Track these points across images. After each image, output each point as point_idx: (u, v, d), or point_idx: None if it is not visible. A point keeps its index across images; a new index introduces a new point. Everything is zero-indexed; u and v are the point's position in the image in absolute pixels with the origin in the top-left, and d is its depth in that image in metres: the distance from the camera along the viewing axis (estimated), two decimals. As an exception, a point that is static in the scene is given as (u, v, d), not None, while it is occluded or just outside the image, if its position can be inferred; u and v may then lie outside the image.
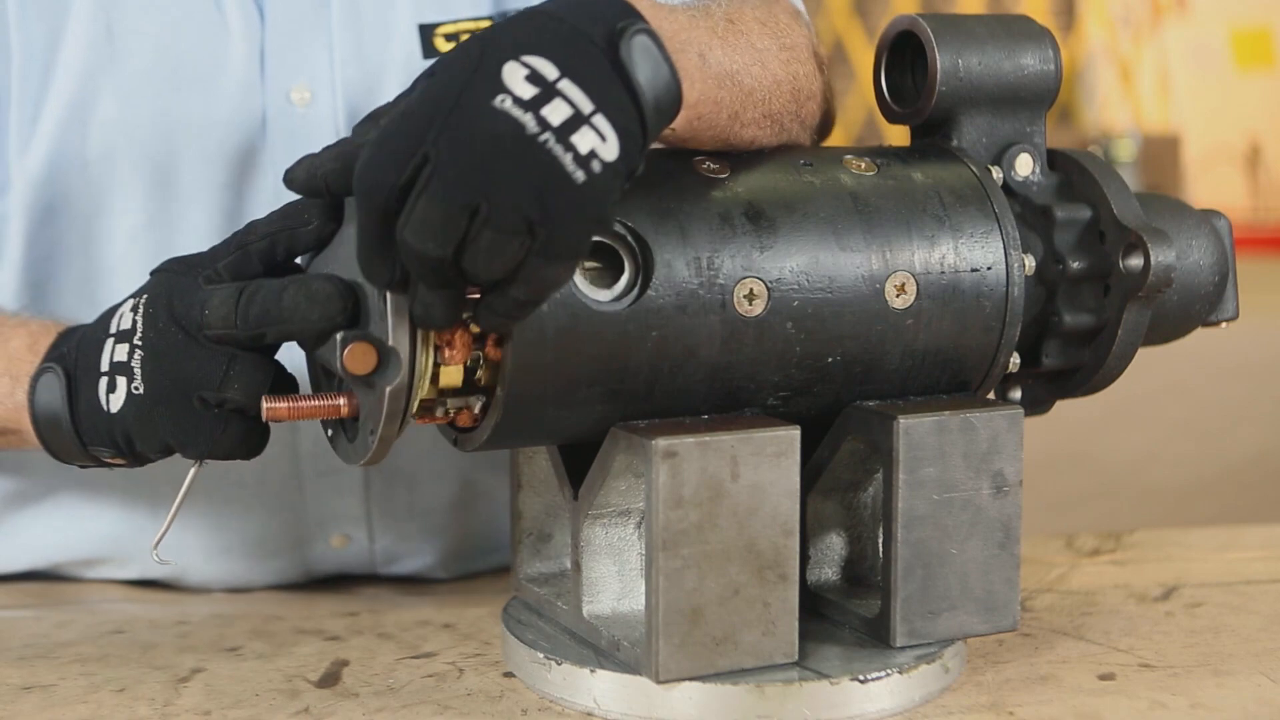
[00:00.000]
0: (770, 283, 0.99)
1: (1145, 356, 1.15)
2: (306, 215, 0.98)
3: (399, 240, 0.86)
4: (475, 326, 0.94)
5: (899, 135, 1.18)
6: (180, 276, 1.00)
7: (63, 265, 1.25)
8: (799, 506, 0.98)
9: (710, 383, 0.99)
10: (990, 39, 1.11)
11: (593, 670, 1.00)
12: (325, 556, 1.33)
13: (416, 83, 0.89)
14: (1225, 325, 1.21)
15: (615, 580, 1.04)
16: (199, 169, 1.24)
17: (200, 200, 1.25)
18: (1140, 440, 5.39)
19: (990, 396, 1.11)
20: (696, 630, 0.96)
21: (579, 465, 1.03)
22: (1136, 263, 1.08)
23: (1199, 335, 1.22)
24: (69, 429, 1.03)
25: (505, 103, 0.85)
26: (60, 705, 1.04)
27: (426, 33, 1.29)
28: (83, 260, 1.25)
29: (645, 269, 0.96)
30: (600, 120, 0.87)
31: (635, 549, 1.04)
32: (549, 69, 0.87)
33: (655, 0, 0.98)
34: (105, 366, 1.01)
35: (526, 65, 0.87)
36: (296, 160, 0.97)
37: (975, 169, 1.08)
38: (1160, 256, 1.08)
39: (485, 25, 1.29)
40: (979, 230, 1.06)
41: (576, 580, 1.04)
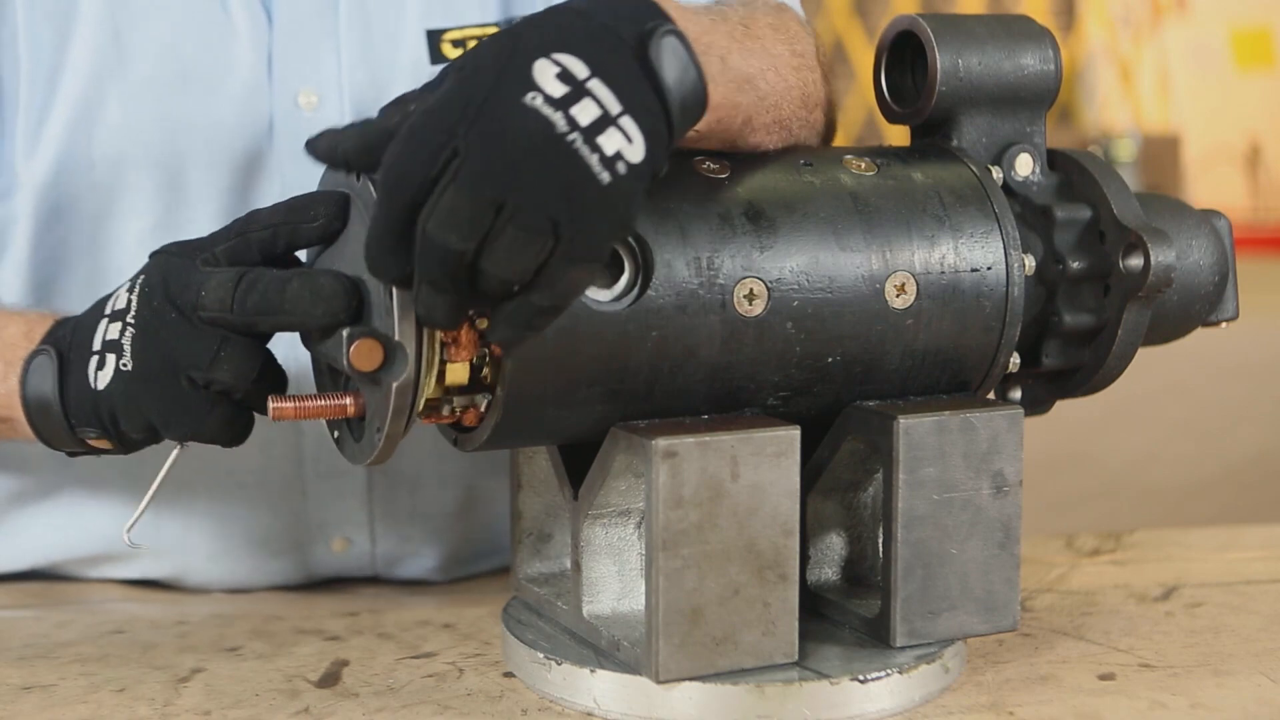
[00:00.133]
0: (770, 283, 0.99)
1: (1145, 356, 1.15)
2: (313, 211, 0.98)
3: (420, 233, 0.85)
4: (481, 323, 0.94)
5: (899, 135, 1.18)
6: (178, 258, 1.00)
7: (69, 267, 1.25)
8: (799, 506, 0.98)
9: (710, 383, 0.99)
10: (990, 39, 1.11)
11: (593, 670, 1.00)
12: (326, 559, 1.33)
13: (445, 75, 0.89)
14: (1225, 325, 1.21)
15: (615, 580, 1.04)
16: (206, 172, 1.24)
17: (207, 203, 1.24)
18: (1140, 440, 5.39)
19: (990, 396, 1.11)
20: (696, 630, 0.96)
21: (579, 465, 1.03)
22: (1136, 263, 1.08)
23: (1199, 335, 1.22)
24: (57, 410, 1.03)
25: (536, 100, 0.85)
26: (60, 705, 1.04)
27: (434, 38, 1.29)
28: (89, 263, 1.25)
29: (645, 269, 0.96)
30: (627, 122, 0.87)
31: (635, 549, 1.04)
32: (579, 67, 0.87)
33: (679, 2, 0.98)
34: (97, 345, 1.01)
35: (557, 63, 0.87)
36: (321, 131, 0.96)
37: (975, 169, 1.08)
38: (1160, 256, 1.08)
39: (492, 31, 1.29)
40: (979, 230, 1.06)
41: (576, 580, 1.04)
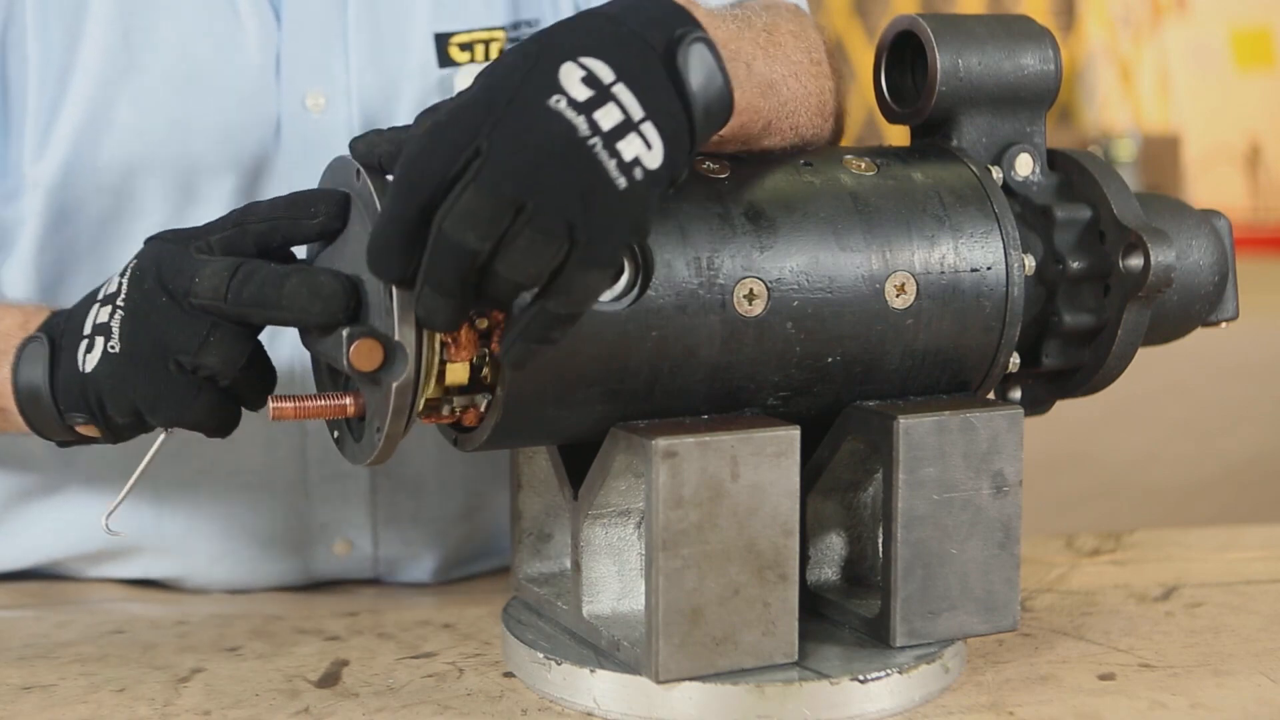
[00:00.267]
0: (770, 283, 0.99)
1: (1145, 356, 1.15)
2: (313, 208, 0.98)
3: (436, 231, 0.85)
4: (481, 323, 0.94)
5: (899, 135, 1.18)
6: (172, 244, 1.00)
7: (76, 269, 1.25)
8: (799, 506, 0.98)
9: (710, 383, 0.99)
10: (990, 39, 1.11)
11: (593, 670, 1.00)
12: (328, 562, 1.33)
13: (476, 79, 0.89)
14: (1225, 325, 1.21)
15: (615, 580, 1.04)
16: (213, 174, 1.24)
17: (214, 205, 1.24)
18: (1140, 440, 5.39)
19: (990, 396, 1.11)
20: (696, 630, 0.96)
21: (579, 465, 1.03)
22: (1136, 263, 1.08)
23: (1199, 335, 1.22)
24: (47, 396, 1.03)
25: (560, 103, 0.86)
26: (60, 705, 1.04)
27: (442, 41, 1.28)
28: (96, 264, 1.25)
29: (645, 269, 0.96)
30: (648, 127, 0.87)
31: (635, 549, 1.04)
32: (605, 72, 0.87)
33: (706, 8, 0.98)
34: (88, 330, 1.01)
35: (584, 67, 0.87)
36: (364, 132, 0.96)
37: (975, 169, 1.08)
38: (1160, 256, 1.08)
39: (499, 35, 1.29)
40: (979, 230, 1.06)
41: (576, 580, 1.04)
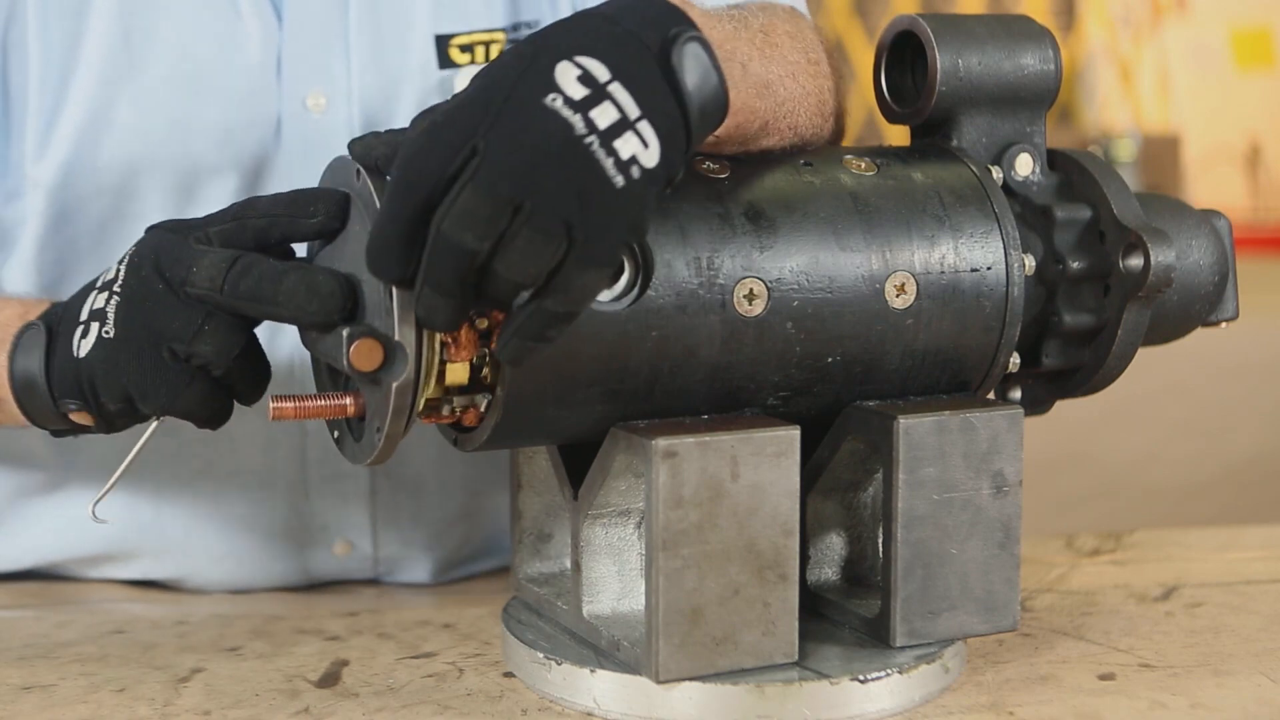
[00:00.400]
0: (770, 283, 0.99)
1: (1145, 356, 1.15)
2: (312, 207, 0.98)
3: (434, 231, 0.85)
4: (481, 323, 0.94)
5: (899, 135, 1.18)
6: (172, 234, 1.00)
7: (77, 269, 1.25)
8: (799, 506, 0.98)
9: (710, 383, 0.99)
10: (990, 39, 1.11)
11: (593, 670, 1.00)
12: (328, 563, 1.33)
13: (472, 79, 0.90)
14: (1225, 325, 1.21)
15: (615, 580, 1.04)
16: (214, 174, 1.24)
17: (215, 205, 1.24)
18: (1140, 440, 5.38)
19: (990, 396, 1.11)
20: (696, 630, 0.96)
21: (579, 465, 1.03)
22: (1136, 263, 1.08)
23: (1199, 335, 1.22)
24: (42, 383, 1.03)
25: (556, 102, 0.86)
26: (60, 705, 1.04)
27: (442, 43, 1.28)
28: (97, 264, 1.25)
29: (645, 269, 0.96)
30: (644, 126, 0.87)
31: (635, 549, 1.04)
32: (601, 71, 0.87)
33: (702, 8, 0.98)
34: (84, 315, 1.01)
35: (579, 66, 0.87)
36: (364, 133, 0.96)
37: (975, 169, 1.08)
38: (1160, 256, 1.08)
39: (499, 36, 1.29)
40: (979, 230, 1.06)
41: (576, 580, 1.04)
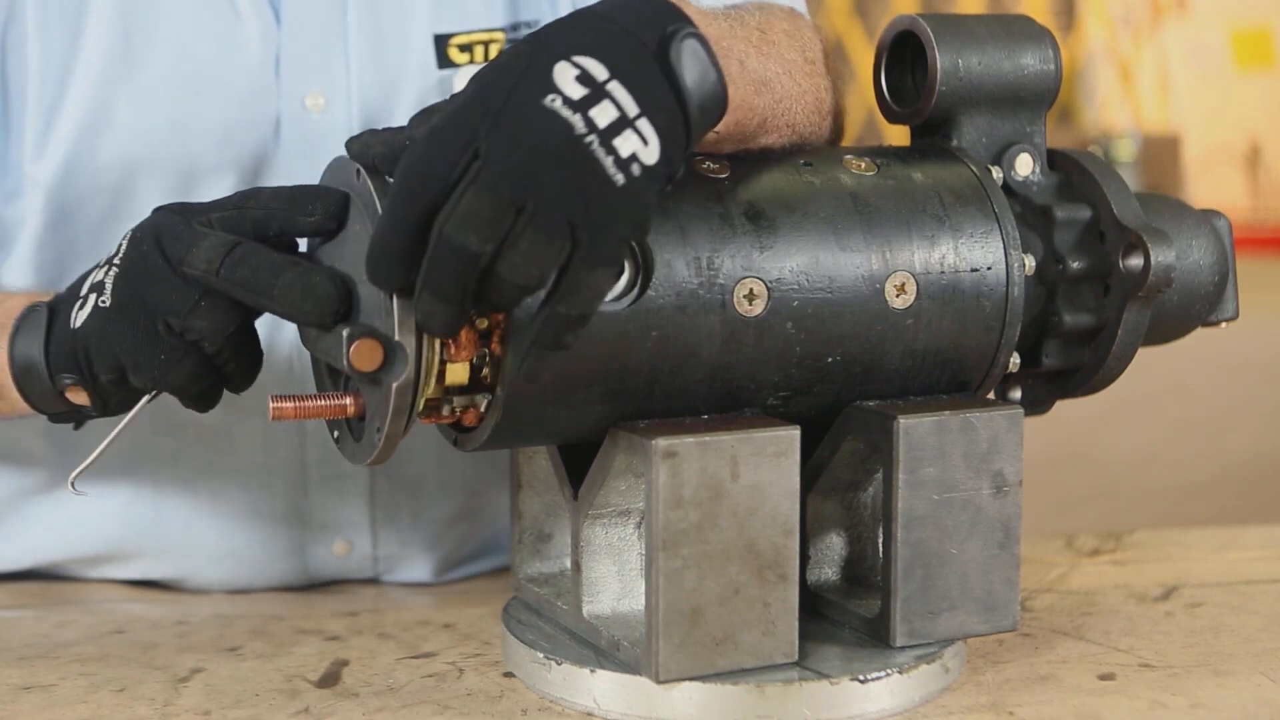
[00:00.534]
0: (770, 283, 0.99)
1: (1145, 356, 1.15)
2: (311, 206, 0.98)
3: (437, 235, 0.85)
4: (481, 323, 0.94)
5: (899, 135, 1.18)
6: (176, 215, 1.00)
7: (76, 269, 1.25)
8: (799, 506, 0.98)
9: (710, 383, 0.99)
10: (990, 39, 1.11)
11: (593, 670, 1.00)
12: (327, 562, 1.33)
13: (471, 81, 0.90)
14: (1225, 325, 1.21)
15: (615, 580, 1.04)
16: (213, 174, 1.24)
17: None
18: (1140, 440, 5.38)
19: (990, 396, 1.11)
20: (696, 630, 0.96)
21: (579, 465, 1.03)
22: (1136, 263, 1.08)
23: (1199, 335, 1.22)
24: (40, 362, 1.03)
25: (555, 102, 0.86)
26: (60, 705, 1.04)
27: (441, 42, 1.28)
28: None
29: (645, 269, 0.96)
30: (644, 124, 0.87)
31: (635, 549, 1.04)
32: (599, 70, 0.87)
33: (699, 7, 0.98)
34: (84, 290, 1.02)
35: (578, 65, 0.87)
36: (361, 131, 0.97)
37: (975, 169, 1.08)
38: (1160, 256, 1.08)
39: (498, 36, 1.29)
40: (979, 230, 1.06)
41: (576, 580, 1.04)
